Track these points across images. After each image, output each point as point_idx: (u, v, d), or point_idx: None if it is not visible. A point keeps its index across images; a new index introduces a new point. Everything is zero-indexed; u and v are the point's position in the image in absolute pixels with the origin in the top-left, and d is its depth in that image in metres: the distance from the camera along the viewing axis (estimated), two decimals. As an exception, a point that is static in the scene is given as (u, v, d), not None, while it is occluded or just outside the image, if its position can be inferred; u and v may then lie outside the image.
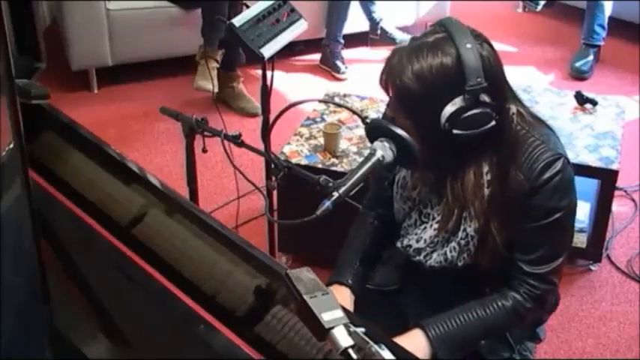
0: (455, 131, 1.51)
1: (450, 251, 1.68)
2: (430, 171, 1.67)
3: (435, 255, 1.71)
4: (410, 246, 1.75)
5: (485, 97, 1.50)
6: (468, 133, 1.51)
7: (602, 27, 4.33)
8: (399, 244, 1.78)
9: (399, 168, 1.75)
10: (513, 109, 1.60)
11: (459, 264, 1.68)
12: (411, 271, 1.84)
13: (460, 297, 1.69)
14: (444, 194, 1.65)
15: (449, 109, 1.50)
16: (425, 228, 1.72)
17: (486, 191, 1.59)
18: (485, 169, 1.58)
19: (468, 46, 1.49)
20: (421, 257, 1.74)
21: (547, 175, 1.57)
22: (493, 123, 1.52)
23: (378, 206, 1.89)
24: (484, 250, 1.65)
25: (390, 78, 1.56)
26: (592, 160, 2.76)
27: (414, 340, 1.63)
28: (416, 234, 1.74)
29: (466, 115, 1.50)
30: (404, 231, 1.78)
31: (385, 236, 1.88)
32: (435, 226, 1.70)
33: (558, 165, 1.58)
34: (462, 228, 1.65)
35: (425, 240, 1.72)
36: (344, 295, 1.76)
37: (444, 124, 1.51)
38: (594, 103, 3.10)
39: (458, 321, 1.65)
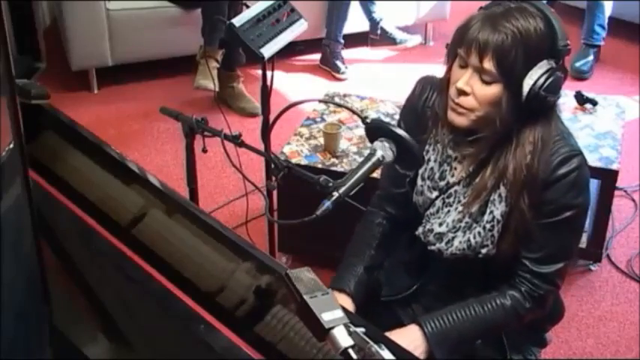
0: (543, 93, 1.51)
1: (474, 237, 1.66)
2: (486, 145, 1.63)
3: (456, 242, 1.69)
4: (432, 230, 1.72)
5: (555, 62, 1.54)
6: (551, 98, 1.53)
7: (602, 27, 4.33)
8: (420, 230, 1.75)
9: (426, 159, 1.74)
10: None
11: (482, 252, 1.66)
12: (427, 269, 1.82)
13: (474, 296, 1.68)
14: (479, 172, 1.63)
15: (537, 72, 1.51)
16: (449, 211, 1.70)
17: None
18: (530, 148, 1.58)
19: (552, 10, 1.54)
20: (442, 244, 1.71)
21: (563, 170, 1.57)
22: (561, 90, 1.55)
23: (388, 205, 1.86)
24: (507, 238, 1.63)
25: (484, 35, 1.51)
26: (592, 160, 2.75)
27: (410, 336, 1.62)
28: (439, 217, 1.72)
29: (553, 78, 1.52)
30: (425, 219, 1.75)
31: (393, 238, 1.86)
32: (460, 208, 1.68)
33: (575, 162, 1.58)
34: (488, 211, 1.63)
35: (447, 224, 1.70)
36: (344, 305, 1.73)
37: (532, 87, 1.51)
38: (594, 103, 3.10)
39: (455, 318, 1.64)
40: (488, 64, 1.52)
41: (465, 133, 1.63)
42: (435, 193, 1.73)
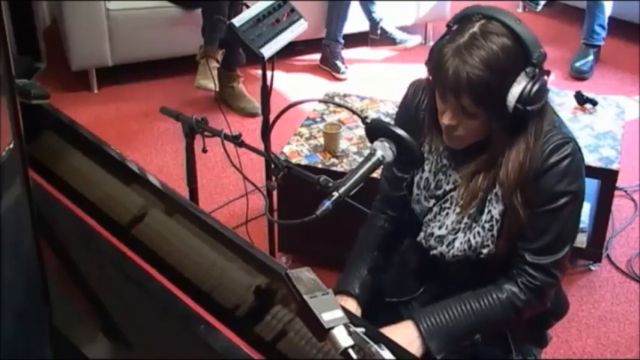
0: (529, 108, 1.51)
1: (474, 237, 1.67)
2: (478, 153, 1.64)
3: (457, 243, 1.69)
4: (432, 234, 1.73)
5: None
6: (539, 105, 1.53)
7: (602, 27, 4.33)
8: (421, 236, 1.76)
9: (418, 169, 1.74)
10: None
11: (483, 252, 1.66)
12: (429, 274, 1.82)
13: None
14: (474, 175, 1.64)
15: (518, 88, 1.51)
16: (447, 214, 1.71)
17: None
18: (523, 146, 1.58)
19: (517, 21, 1.52)
20: (443, 247, 1.71)
21: (555, 157, 1.57)
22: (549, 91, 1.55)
23: (389, 208, 1.87)
24: (503, 235, 1.63)
25: (453, 76, 1.50)
26: (592, 160, 2.75)
27: (405, 331, 1.62)
28: (438, 221, 1.72)
29: (536, 88, 1.51)
30: (425, 225, 1.76)
31: (396, 240, 1.87)
32: (458, 209, 1.68)
33: (568, 149, 1.58)
34: (486, 210, 1.64)
35: (447, 226, 1.70)
36: (350, 307, 1.73)
37: (516, 104, 1.51)
38: (594, 103, 3.10)
39: (450, 313, 1.64)
40: (466, 102, 1.52)
41: (462, 150, 1.65)
42: (432, 201, 1.74)
